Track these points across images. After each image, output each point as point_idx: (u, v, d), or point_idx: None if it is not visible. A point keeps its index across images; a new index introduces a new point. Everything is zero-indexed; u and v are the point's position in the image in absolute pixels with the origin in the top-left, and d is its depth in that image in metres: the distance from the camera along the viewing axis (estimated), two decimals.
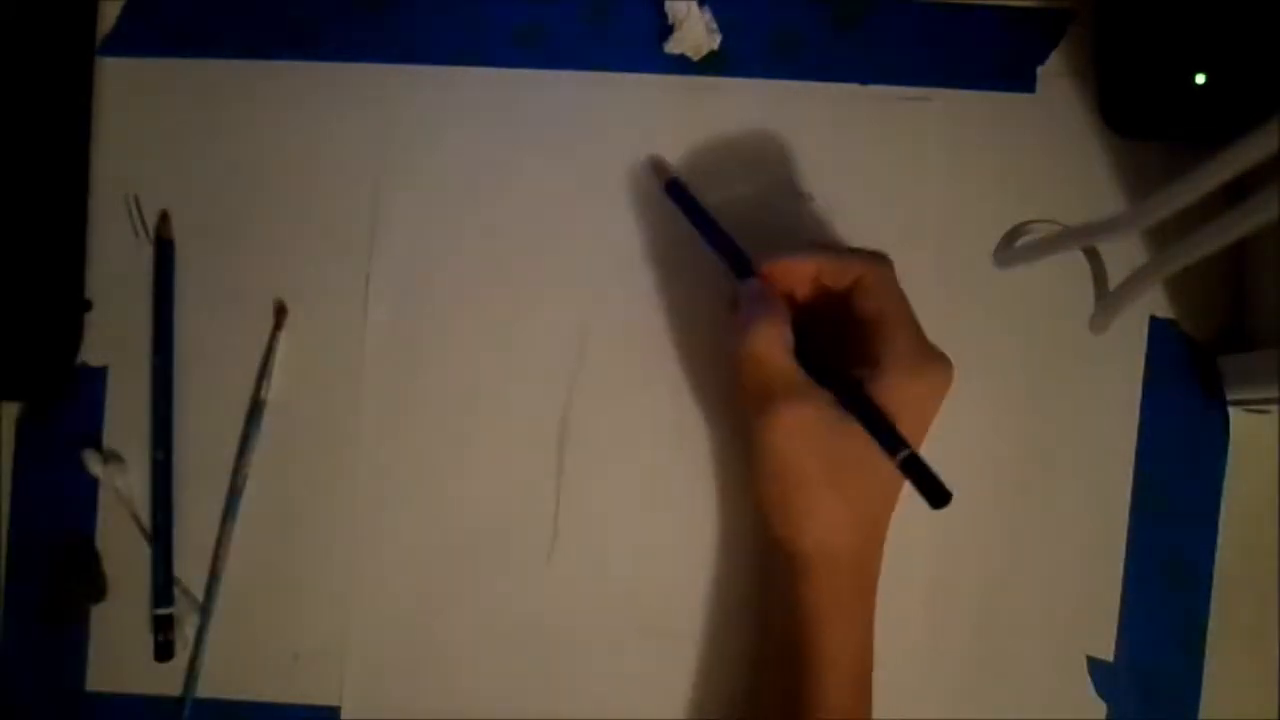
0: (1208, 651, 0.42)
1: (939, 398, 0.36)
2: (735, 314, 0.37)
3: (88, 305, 0.44)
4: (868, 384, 0.35)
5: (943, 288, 0.43)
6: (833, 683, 0.35)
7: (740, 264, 0.39)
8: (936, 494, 0.32)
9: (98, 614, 0.44)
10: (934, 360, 0.36)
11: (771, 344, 0.35)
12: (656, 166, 0.43)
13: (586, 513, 0.43)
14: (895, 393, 0.35)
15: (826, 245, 0.37)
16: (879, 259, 0.37)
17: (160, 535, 0.43)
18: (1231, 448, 0.42)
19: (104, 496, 0.44)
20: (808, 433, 0.34)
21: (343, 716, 0.43)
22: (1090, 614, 0.42)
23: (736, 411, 0.42)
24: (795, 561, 0.36)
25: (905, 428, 0.34)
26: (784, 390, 0.35)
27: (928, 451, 0.36)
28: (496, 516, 0.43)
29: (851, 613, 0.36)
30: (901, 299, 0.36)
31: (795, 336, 0.36)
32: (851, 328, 0.36)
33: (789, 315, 0.36)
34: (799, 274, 0.37)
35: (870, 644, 0.37)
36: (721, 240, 0.40)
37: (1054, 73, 0.43)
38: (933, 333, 0.38)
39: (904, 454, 0.33)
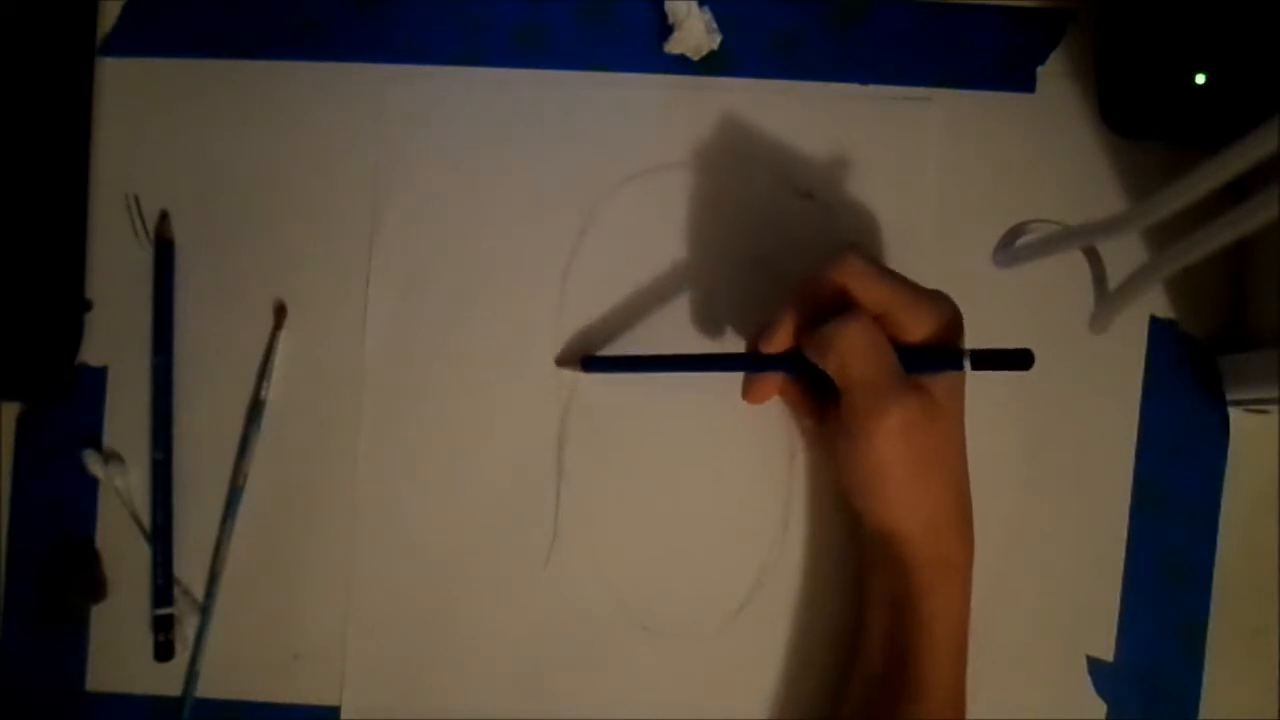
0: (1208, 651, 0.42)
1: (959, 325, 0.37)
2: (819, 333, 0.36)
3: (88, 305, 0.44)
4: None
5: (943, 288, 0.43)
6: (942, 656, 0.36)
7: (747, 362, 0.39)
8: (1019, 358, 0.34)
9: (98, 614, 0.44)
10: (941, 302, 0.37)
11: (877, 334, 0.35)
12: (563, 361, 0.43)
13: (586, 512, 0.43)
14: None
15: (800, 283, 0.37)
16: (841, 255, 0.36)
17: (160, 535, 0.43)
18: (1231, 448, 0.42)
19: (104, 496, 0.44)
20: (913, 426, 0.35)
21: (342, 717, 0.43)
22: (1090, 614, 0.42)
23: (742, 409, 0.42)
24: (900, 542, 0.37)
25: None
26: (895, 385, 0.35)
27: None
28: (496, 516, 0.43)
29: (957, 583, 0.37)
30: (885, 274, 0.36)
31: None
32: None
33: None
34: (810, 312, 0.37)
35: (968, 619, 0.38)
36: (715, 361, 0.41)
37: (1054, 73, 0.43)
38: None
39: (969, 354, 0.34)
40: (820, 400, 0.40)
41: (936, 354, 0.35)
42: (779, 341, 0.38)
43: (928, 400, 0.35)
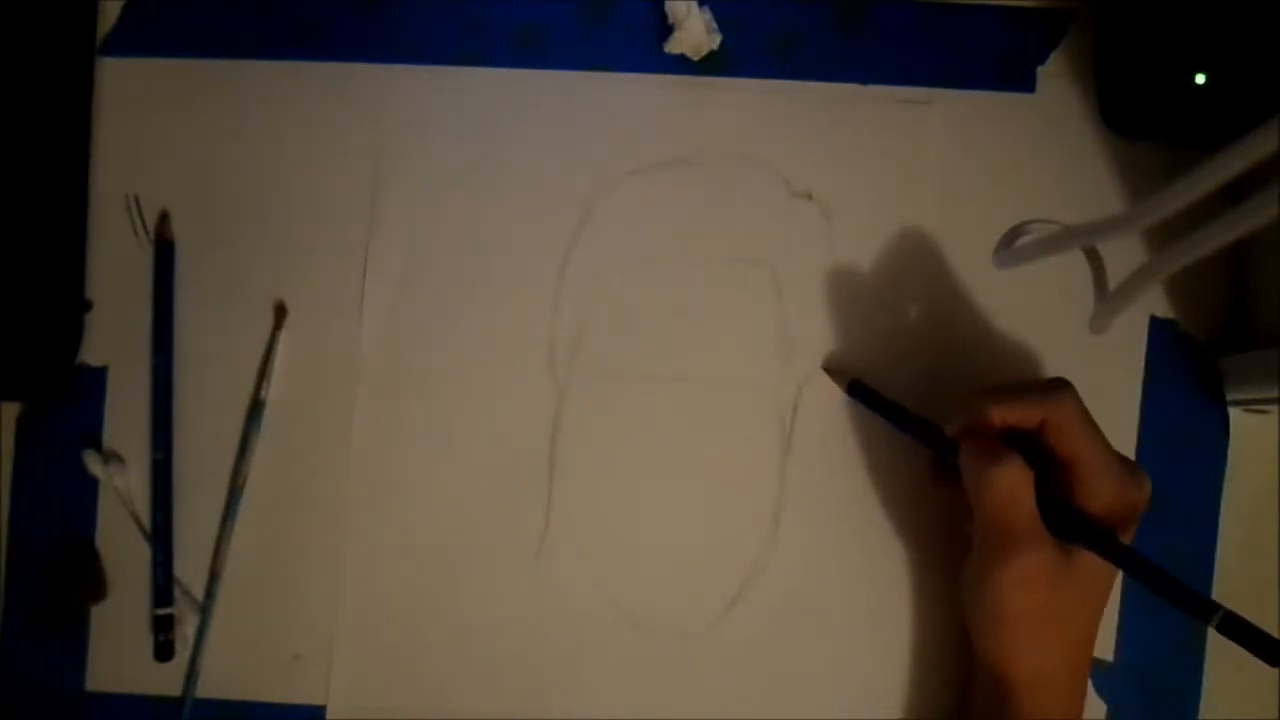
0: (1208, 651, 0.42)
1: (1140, 510, 0.36)
2: (969, 456, 0.36)
3: (88, 305, 0.44)
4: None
5: (943, 288, 0.43)
6: None
7: (935, 438, 0.38)
8: (1268, 649, 0.30)
9: (98, 614, 0.44)
10: (1133, 482, 0.36)
11: (1020, 487, 0.35)
12: (833, 373, 0.42)
13: (578, 507, 0.43)
14: (1109, 523, 0.35)
15: (1003, 390, 0.37)
16: (1057, 391, 0.36)
17: (160, 535, 0.43)
18: (1231, 448, 0.42)
19: (104, 496, 0.44)
20: (1036, 581, 0.35)
21: (327, 716, 0.43)
22: None
23: (743, 414, 0.42)
24: (1006, 686, 0.37)
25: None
26: (1025, 537, 0.35)
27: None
28: (489, 511, 0.43)
29: None
30: (1089, 430, 0.36)
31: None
32: (1048, 459, 0.36)
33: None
34: (989, 426, 0.37)
35: None
36: (914, 424, 0.39)
37: (1054, 73, 0.43)
38: (933, 333, 0.38)
39: (1219, 615, 0.32)
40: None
41: (1190, 597, 0.33)
42: (953, 428, 0.38)
43: (1060, 560, 0.35)
